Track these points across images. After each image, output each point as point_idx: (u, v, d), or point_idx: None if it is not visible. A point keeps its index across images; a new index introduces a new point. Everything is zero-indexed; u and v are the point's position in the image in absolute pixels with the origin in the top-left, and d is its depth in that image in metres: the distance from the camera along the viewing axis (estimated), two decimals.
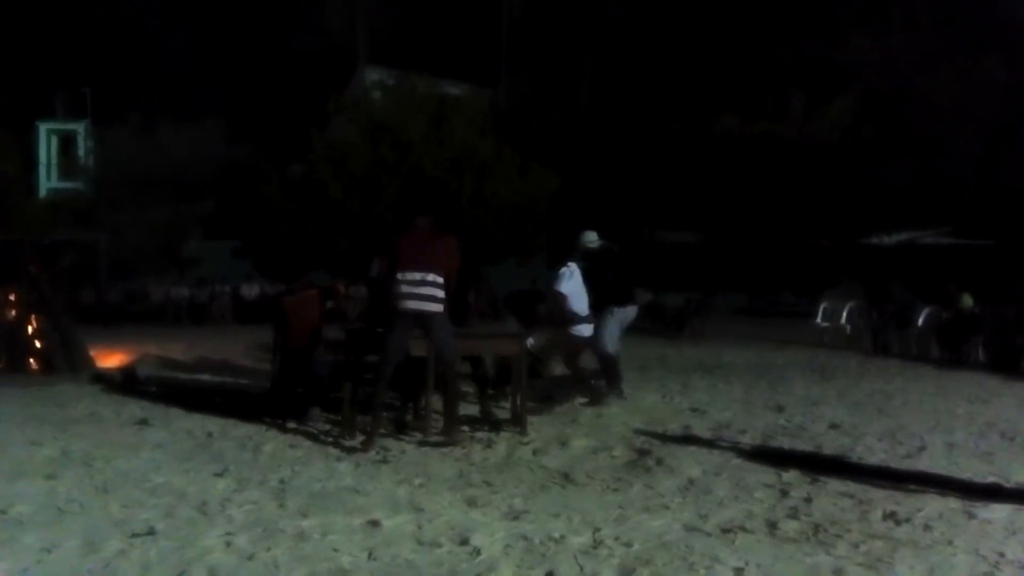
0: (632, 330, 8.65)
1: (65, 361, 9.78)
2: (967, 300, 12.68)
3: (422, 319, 6.10)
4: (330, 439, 6.42)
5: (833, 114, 26.13)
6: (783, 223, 26.17)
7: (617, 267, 8.43)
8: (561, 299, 7.78)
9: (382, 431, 6.52)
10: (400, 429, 6.78)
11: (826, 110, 26.27)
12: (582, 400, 7.93)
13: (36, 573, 3.61)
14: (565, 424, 7.00)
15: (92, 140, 33.52)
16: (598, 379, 8.21)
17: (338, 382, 7.11)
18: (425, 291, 6.07)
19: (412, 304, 6.05)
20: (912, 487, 5.07)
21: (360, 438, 6.32)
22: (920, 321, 13.38)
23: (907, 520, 4.39)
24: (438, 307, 6.10)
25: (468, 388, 7.51)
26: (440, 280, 6.11)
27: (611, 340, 8.06)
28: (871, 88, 26.28)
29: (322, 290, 7.88)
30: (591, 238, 8.47)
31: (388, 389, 6.39)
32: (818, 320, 16.15)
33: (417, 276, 6.06)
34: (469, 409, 7.27)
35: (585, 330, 7.87)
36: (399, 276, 6.08)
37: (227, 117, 31.30)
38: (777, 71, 27.72)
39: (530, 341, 7.63)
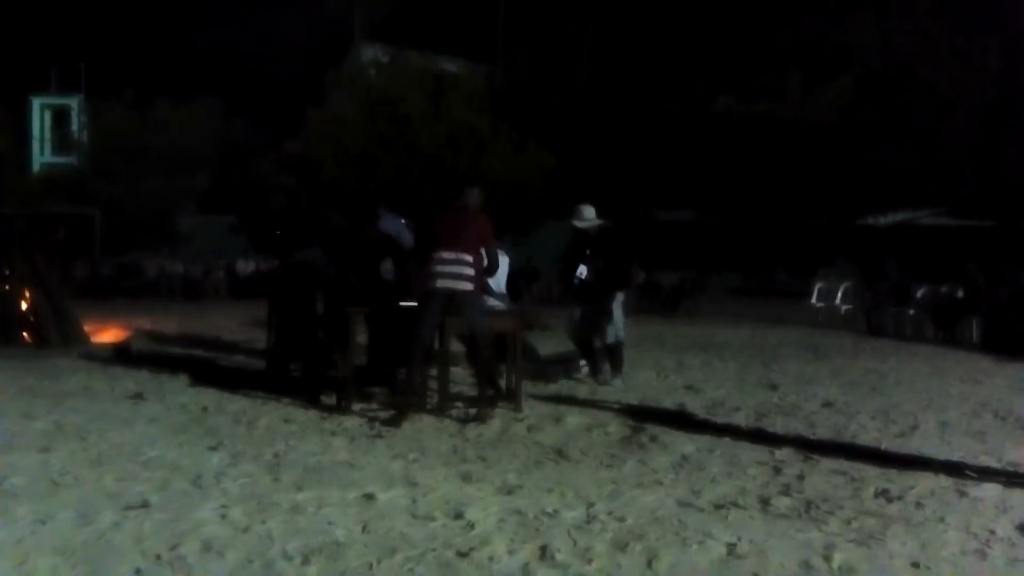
0: (627, 308, 8.62)
1: (59, 335, 9.76)
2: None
3: (455, 297, 6.17)
4: (325, 414, 6.42)
5: (831, 95, 26.07)
6: (779, 203, 26.18)
7: (619, 249, 8.28)
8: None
9: (376, 406, 6.54)
10: (395, 406, 6.78)
11: (824, 91, 26.20)
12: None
13: (30, 544, 3.61)
14: (559, 401, 7.01)
15: (86, 115, 33.32)
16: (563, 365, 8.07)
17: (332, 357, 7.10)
18: (457, 270, 6.16)
19: (445, 283, 6.13)
20: (904, 465, 5.09)
21: (355, 412, 6.33)
22: (915, 301, 13.41)
23: (899, 497, 4.41)
24: (469, 285, 6.20)
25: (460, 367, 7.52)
26: (471, 259, 6.21)
27: (621, 326, 7.96)
28: (869, 69, 26.21)
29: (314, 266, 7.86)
30: (589, 214, 8.24)
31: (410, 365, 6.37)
32: (813, 300, 16.18)
33: (450, 255, 6.14)
34: (460, 387, 7.27)
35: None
36: (433, 256, 6.16)
37: (223, 93, 31.13)
38: (776, 51, 27.63)
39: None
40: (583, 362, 8.82)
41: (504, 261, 7.43)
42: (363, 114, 25.30)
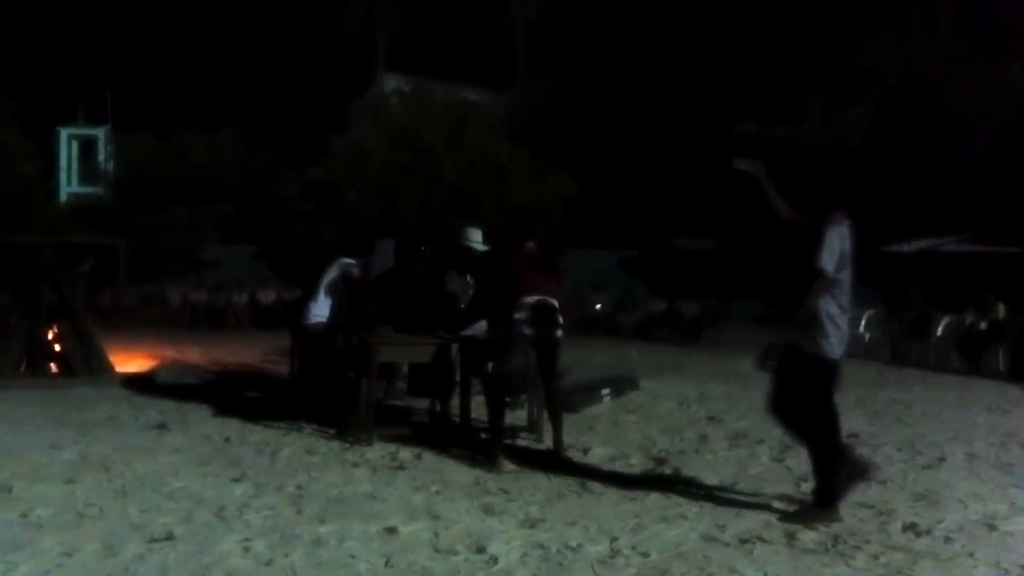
0: (649, 339, 8.59)
1: (84, 364, 9.83)
2: (1002, 311, 12.53)
3: (544, 343, 6.18)
4: (347, 445, 6.42)
5: (852, 119, 25.99)
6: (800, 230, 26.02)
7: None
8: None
9: (402, 435, 6.56)
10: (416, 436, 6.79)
11: (845, 115, 26.13)
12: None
13: None
14: (581, 431, 6.98)
15: (112, 145, 33.82)
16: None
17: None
18: (548, 316, 6.19)
19: (537, 329, 6.14)
20: (932, 498, 5.02)
21: (376, 441, 6.34)
22: (939, 330, 13.27)
23: (927, 532, 4.36)
24: (559, 332, 6.23)
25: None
26: (558, 304, 6.24)
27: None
28: (891, 93, 26.13)
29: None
30: (476, 237, 7.57)
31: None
32: None
33: (540, 301, 6.16)
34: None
35: None
36: (522, 300, 6.15)
37: (245, 122, 31.51)
38: (796, 75, 27.61)
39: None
40: (605, 390, 8.80)
41: None
42: (385, 143, 25.54)
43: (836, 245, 4.62)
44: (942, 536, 4.30)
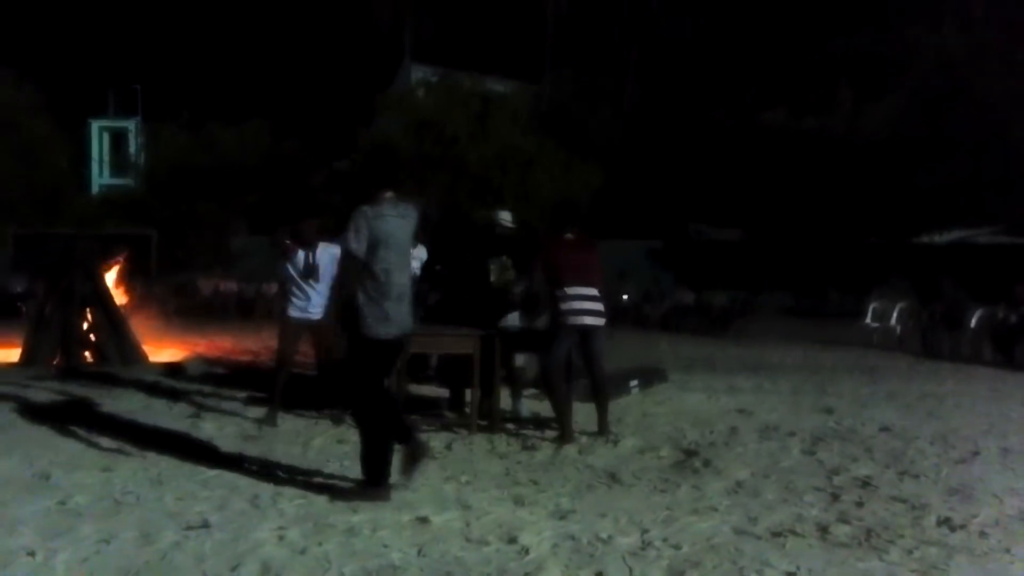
0: (677, 330, 8.57)
1: (118, 354, 9.97)
2: None
3: (588, 332, 6.30)
4: None
5: (883, 109, 25.67)
6: (830, 221, 25.78)
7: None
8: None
9: (427, 428, 6.59)
10: (445, 426, 6.82)
11: (876, 105, 25.82)
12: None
13: (95, 564, 3.70)
14: (610, 423, 6.97)
15: (143, 137, 34.18)
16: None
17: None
18: (592, 306, 6.30)
19: (583, 320, 6.26)
20: (966, 493, 4.98)
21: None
22: (973, 322, 13.10)
23: (962, 526, 4.32)
24: (603, 321, 6.36)
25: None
26: (600, 292, 6.36)
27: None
28: (923, 83, 25.77)
29: None
30: (506, 217, 7.60)
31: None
32: (867, 320, 15.89)
33: (583, 291, 6.26)
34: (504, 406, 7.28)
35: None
36: (566, 291, 6.24)
37: (274, 114, 31.69)
38: (826, 65, 27.30)
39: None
40: (633, 382, 8.79)
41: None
42: (411, 135, 25.59)
43: (363, 226, 4.67)
44: (977, 531, 4.26)
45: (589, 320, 6.29)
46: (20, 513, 4.38)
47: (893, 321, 15.20)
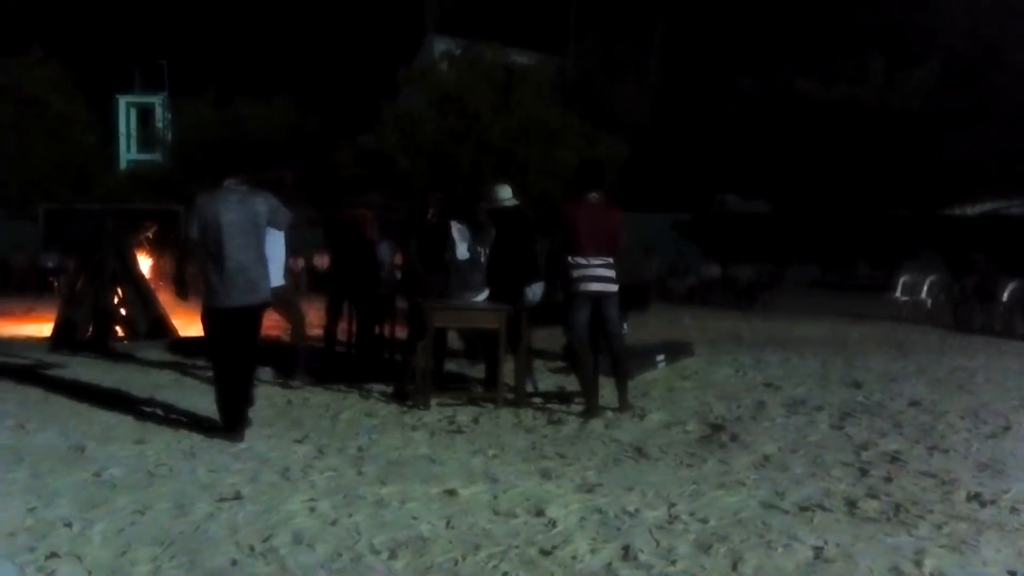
0: (703, 303, 8.53)
1: (148, 328, 10.10)
2: None
3: (600, 299, 6.27)
4: (405, 408, 6.52)
5: (915, 79, 25.23)
6: (860, 192, 25.46)
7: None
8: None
9: (459, 402, 6.63)
10: (472, 400, 6.86)
11: (908, 75, 25.38)
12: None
13: (131, 534, 3.77)
14: (636, 397, 6.98)
15: (170, 112, 34.36)
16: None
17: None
18: (605, 272, 6.25)
19: (595, 286, 6.22)
20: (997, 468, 4.94)
21: (433, 405, 6.43)
22: (1005, 295, 12.93)
23: (992, 502, 4.29)
24: (615, 287, 6.31)
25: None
26: (614, 260, 6.30)
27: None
28: (955, 52, 25.28)
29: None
30: (504, 194, 7.25)
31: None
32: (897, 294, 15.73)
33: (598, 259, 6.21)
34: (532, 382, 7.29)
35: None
36: (579, 259, 6.19)
37: (299, 89, 31.74)
38: (857, 34, 26.83)
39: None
40: (660, 356, 8.78)
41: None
42: (434, 109, 25.51)
43: (194, 214, 5.63)
44: (1008, 507, 4.23)
45: (597, 287, 6.20)
46: (57, 485, 4.47)
47: (923, 294, 15.04)
